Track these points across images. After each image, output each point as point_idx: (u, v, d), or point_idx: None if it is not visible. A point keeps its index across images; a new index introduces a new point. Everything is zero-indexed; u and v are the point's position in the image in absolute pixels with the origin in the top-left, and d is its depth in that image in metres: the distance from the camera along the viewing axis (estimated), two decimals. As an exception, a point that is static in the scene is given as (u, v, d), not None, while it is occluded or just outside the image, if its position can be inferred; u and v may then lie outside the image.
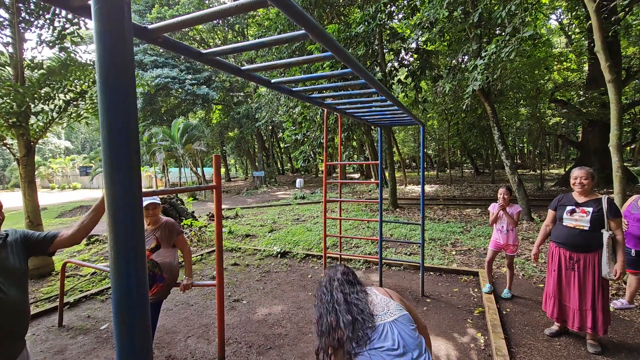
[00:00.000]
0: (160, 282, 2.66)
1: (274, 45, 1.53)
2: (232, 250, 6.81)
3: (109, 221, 0.72)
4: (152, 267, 2.61)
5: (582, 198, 2.99)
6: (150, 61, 20.71)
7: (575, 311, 2.95)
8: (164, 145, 19.11)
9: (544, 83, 17.59)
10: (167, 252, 2.71)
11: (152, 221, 2.75)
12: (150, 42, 1.36)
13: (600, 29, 4.56)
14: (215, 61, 1.62)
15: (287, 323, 3.72)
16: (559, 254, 3.07)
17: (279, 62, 1.72)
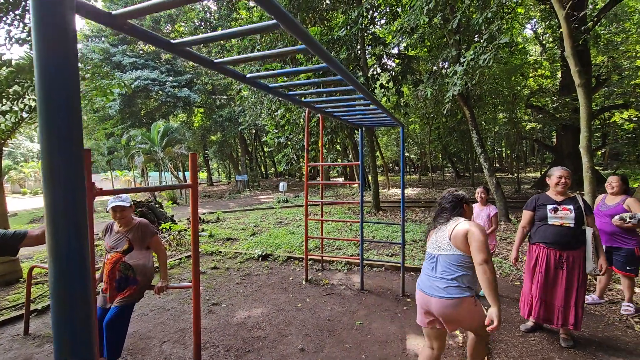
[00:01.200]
0: (134, 285, 2.57)
1: (244, 35, 1.51)
2: (212, 253, 6.67)
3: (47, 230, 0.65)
4: (124, 270, 2.52)
5: (560, 197, 3.07)
6: (130, 63, 20.25)
7: (561, 309, 2.97)
8: (143, 148, 18.64)
9: (520, 89, 18.23)
10: (140, 254, 2.62)
11: (122, 223, 2.66)
12: (116, 29, 1.32)
13: (570, 36, 4.76)
14: (186, 52, 1.58)
15: (267, 326, 3.65)
16: (546, 254, 3.02)
17: (252, 55, 1.70)
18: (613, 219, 3.48)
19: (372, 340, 3.31)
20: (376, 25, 13.45)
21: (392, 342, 3.26)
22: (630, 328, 3.34)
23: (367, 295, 4.42)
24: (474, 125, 9.75)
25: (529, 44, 22.60)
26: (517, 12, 14.50)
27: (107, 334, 2.50)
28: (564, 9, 4.81)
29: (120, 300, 2.55)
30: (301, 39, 1.39)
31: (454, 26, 8.02)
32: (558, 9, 4.85)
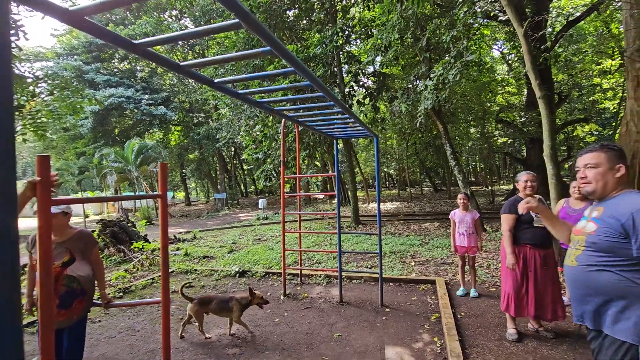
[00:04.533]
0: (83, 296, 2.39)
1: (207, 35, 1.52)
2: (187, 272, 6.44)
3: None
4: (69, 283, 2.32)
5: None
6: (103, 80, 19.85)
7: (551, 304, 3.09)
8: (116, 167, 18.04)
9: (490, 105, 19.15)
10: (81, 264, 2.42)
11: (56, 232, 2.39)
12: (74, 27, 1.30)
13: (529, 52, 5.08)
14: (149, 53, 1.57)
15: (242, 342, 3.52)
16: (533, 255, 3.13)
17: (218, 57, 1.70)
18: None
19: (351, 351, 3.25)
20: (351, 45, 13.92)
21: (371, 352, 3.21)
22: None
23: (346, 307, 4.37)
24: (447, 139, 10.09)
25: (496, 64, 23.88)
26: (483, 33, 15.41)
27: (69, 353, 2.33)
28: (522, 28, 5.14)
29: (71, 317, 2.36)
30: (264, 39, 1.41)
31: (423, 44, 8.40)
32: (517, 27, 5.19)
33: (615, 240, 1.47)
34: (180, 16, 23.02)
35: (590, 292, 1.55)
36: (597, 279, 1.52)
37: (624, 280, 1.45)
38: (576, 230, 1.72)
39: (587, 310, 1.57)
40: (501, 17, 11.72)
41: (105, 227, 7.87)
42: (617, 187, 1.59)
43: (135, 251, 7.30)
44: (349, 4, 12.99)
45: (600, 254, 1.53)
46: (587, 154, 1.64)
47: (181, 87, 24.34)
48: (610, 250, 1.49)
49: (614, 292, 1.47)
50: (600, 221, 1.56)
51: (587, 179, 1.62)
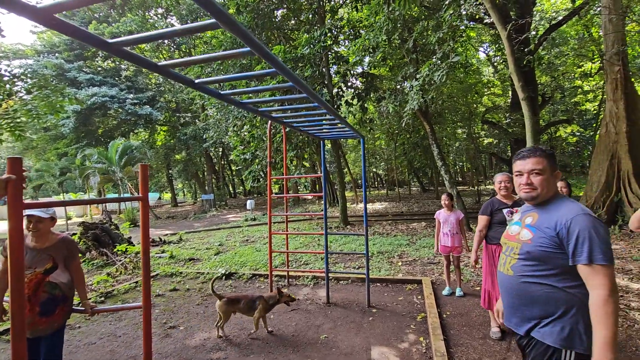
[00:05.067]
0: (64, 303, 2.32)
1: (184, 35, 1.48)
2: (172, 275, 6.32)
3: None
4: (51, 290, 2.25)
5: (509, 200, 3.25)
6: (86, 79, 19.37)
7: None
8: (99, 168, 17.60)
9: (476, 106, 19.46)
10: (62, 271, 2.35)
11: (38, 237, 2.30)
12: (43, 24, 1.24)
13: (512, 54, 5.17)
14: (125, 53, 1.52)
15: (228, 346, 3.47)
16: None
17: (197, 58, 1.67)
18: None
19: (337, 353, 3.23)
20: (340, 46, 13.94)
21: (357, 353, 3.20)
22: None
23: (333, 308, 4.35)
24: (434, 140, 10.19)
25: (482, 66, 24.28)
26: (469, 35, 15.65)
27: None
28: (506, 30, 5.23)
29: (53, 325, 2.28)
30: (243, 39, 1.38)
31: (410, 46, 8.48)
32: (501, 30, 5.28)
33: (550, 250, 1.46)
34: (167, 14, 22.67)
35: (524, 302, 1.54)
36: (532, 289, 1.51)
37: (557, 290, 1.45)
38: (509, 236, 1.69)
39: (519, 317, 1.58)
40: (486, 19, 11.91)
41: (87, 229, 7.67)
42: (555, 191, 1.59)
43: (118, 254, 7.14)
44: (337, 4, 13.01)
45: (534, 264, 1.51)
46: (531, 158, 1.59)
47: (167, 86, 23.95)
48: (544, 260, 1.48)
49: (547, 302, 1.47)
50: (535, 229, 1.54)
51: (534, 185, 1.57)
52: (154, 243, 9.99)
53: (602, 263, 1.34)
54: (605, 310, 1.30)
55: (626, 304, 3.91)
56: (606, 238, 1.39)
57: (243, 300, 3.63)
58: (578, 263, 1.38)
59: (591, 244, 1.36)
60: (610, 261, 1.35)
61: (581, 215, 1.42)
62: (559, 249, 1.44)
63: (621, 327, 3.40)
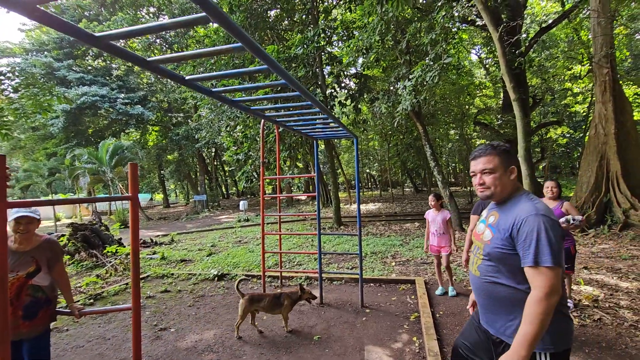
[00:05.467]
0: (48, 306, 2.26)
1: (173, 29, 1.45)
2: (164, 276, 6.23)
3: None
4: (34, 293, 2.18)
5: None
6: (76, 78, 19.06)
7: None
8: (89, 168, 17.31)
9: (468, 108, 19.64)
10: (44, 274, 2.29)
11: (25, 240, 2.22)
12: (26, 16, 1.20)
13: (503, 55, 5.22)
14: (113, 47, 1.48)
15: (220, 348, 3.42)
16: None
17: (187, 53, 1.64)
18: (559, 221, 3.72)
19: (330, 353, 3.21)
20: (333, 46, 13.94)
21: (351, 353, 3.19)
22: (571, 322, 3.54)
23: (326, 309, 4.33)
24: (427, 141, 10.24)
25: (474, 67, 24.52)
26: (461, 37, 15.79)
27: None
28: (497, 32, 5.28)
29: (36, 328, 2.22)
30: (234, 35, 1.35)
31: (403, 47, 8.51)
32: (492, 31, 5.33)
33: (506, 252, 1.46)
34: (159, 13, 22.46)
35: (491, 303, 1.55)
36: (496, 290, 1.51)
37: (519, 292, 1.44)
38: (477, 235, 1.69)
39: (490, 318, 1.58)
40: (478, 22, 12.04)
41: (76, 230, 7.53)
42: (513, 189, 1.58)
43: (108, 256, 7.03)
44: (331, 5, 13.02)
45: (495, 265, 1.51)
46: (482, 158, 1.59)
47: (159, 86, 23.72)
48: (502, 261, 1.48)
49: (511, 303, 1.47)
50: (495, 230, 1.53)
51: (486, 184, 1.57)
52: (145, 244, 9.86)
53: (547, 265, 1.32)
54: (535, 310, 1.30)
55: (615, 302, 3.96)
56: (555, 239, 1.36)
57: (266, 298, 3.65)
58: (524, 265, 1.38)
59: (538, 246, 1.35)
60: (556, 263, 1.32)
61: (532, 216, 1.40)
62: (515, 250, 1.43)
63: (611, 325, 3.44)
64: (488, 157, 1.57)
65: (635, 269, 5.11)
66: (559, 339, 1.41)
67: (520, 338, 1.31)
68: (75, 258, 7.11)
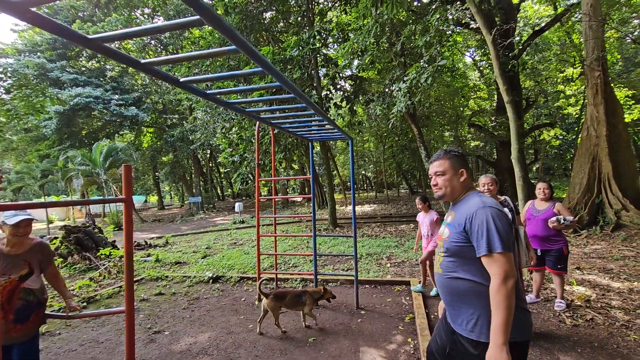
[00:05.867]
0: (39, 309, 2.25)
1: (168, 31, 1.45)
2: (158, 279, 6.19)
3: None
4: (26, 296, 2.17)
5: None
6: (70, 79, 18.87)
7: None
8: (82, 170, 17.14)
9: (463, 110, 19.79)
10: (36, 277, 2.27)
11: (17, 242, 2.19)
12: (18, 17, 1.20)
13: (497, 58, 5.27)
14: (106, 49, 1.48)
15: (214, 350, 3.41)
16: None
17: (181, 56, 1.64)
18: (550, 220, 3.75)
19: (326, 355, 3.21)
20: (329, 49, 13.98)
21: (346, 355, 3.19)
22: (563, 322, 3.58)
23: (322, 310, 4.33)
24: (422, 142, 10.31)
25: (468, 70, 24.71)
26: (456, 40, 15.93)
27: None
28: (491, 35, 5.34)
29: (28, 332, 2.20)
30: (228, 37, 1.35)
31: (398, 49, 8.56)
32: (486, 34, 5.38)
33: (462, 245, 1.56)
34: (153, 14, 22.37)
35: (453, 298, 1.62)
36: (457, 285, 1.59)
37: (477, 285, 1.53)
38: (439, 236, 1.77)
39: (453, 314, 1.65)
40: (472, 24, 12.15)
41: (69, 233, 7.45)
42: (463, 190, 1.70)
43: (101, 258, 6.97)
44: (327, 7, 13.06)
45: (453, 260, 1.60)
46: (435, 162, 1.74)
47: (154, 87, 23.59)
48: (460, 255, 1.58)
49: (470, 297, 1.54)
50: (451, 226, 1.64)
51: (438, 185, 1.71)
52: (139, 247, 9.78)
53: (499, 251, 1.44)
54: (498, 298, 1.40)
55: (607, 302, 4.01)
56: (503, 227, 1.48)
57: (288, 295, 3.72)
58: (480, 255, 1.49)
59: (489, 235, 1.47)
60: (506, 248, 1.45)
61: (480, 209, 1.53)
62: (469, 243, 1.54)
63: (603, 324, 3.47)
64: (440, 161, 1.72)
65: (627, 269, 5.17)
66: (518, 331, 1.49)
67: (494, 328, 1.40)
68: (68, 261, 7.04)
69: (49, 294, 2.49)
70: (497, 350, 1.36)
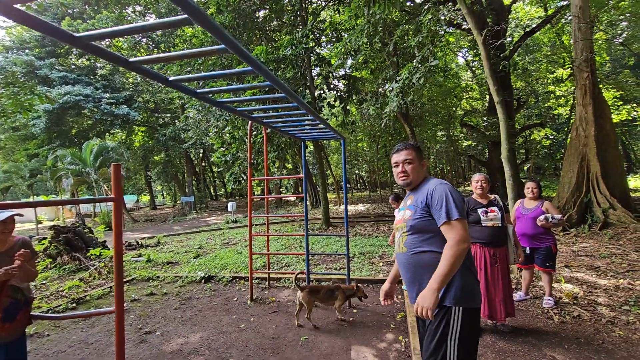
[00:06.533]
0: (26, 307, 2.23)
1: (155, 30, 1.44)
2: (149, 279, 6.13)
3: None
4: (14, 294, 2.15)
5: (483, 200, 3.35)
6: (59, 77, 18.58)
7: (501, 302, 3.19)
8: (72, 169, 16.89)
9: (455, 110, 19.94)
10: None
11: (3, 239, 2.22)
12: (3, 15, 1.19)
13: (487, 58, 5.33)
14: (93, 47, 1.47)
15: (206, 350, 3.40)
16: (483, 253, 3.26)
17: (171, 54, 1.63)
18: (538, 218, 3.81)
19: (317, 354, 3.22)
20: (322, 48, 13.98)
21: (337, 354, 3.20)
22: (551, 319, 3.64)
23: (314, 309, 4.33)
24: (414, 141, 10.37)
25: (461, 70, 24.91)
26: (448, 40, 16.03)
27: None
28: (482, 36, 5.39)
29: (16, 331, 2.18)
30: (216, 37, 1.35)
31: (391, 49, 8.60)
32: (476, 35, 5.44)
33: (425, 219, 1.74)
34: (145, 12, 22.13)
35: (418, 273, 1.75)
36: (422, 258, 1.74)
37: (437, 254, 1.68)
38: (398, 221, 1.93)
39: (418, 290, 1.74)
40: (464, 25, 12.26)
41: (59, 233, 7.35)
42: (424, 177, 1.91)
43: (91, 259, 6.88)
44: (320, 7, 13.05)
45: (418, 235, 1.76)
46: (404, 151, 1.89)
47: (145, 85, 23.34)
48: (424, 230, 1.75)
49: (432, 265, 1.66)
50: (413, 207, 1.82)
51: (407, 172, 1.87)
52: (130, 247, 9.69)
53: (456, 217, 1.64)
54: (447, 253, 1.59)
55: (594, 299, 4.08)
56: (458, 199, 1.70)
57: (322, 290, 3.83)
58: (440, 223, 1.67)
59: (447, 205, 1.67)
60: (462, 216, 1.66)
61: (438, 185, 1.75)
62: (431, 217, 1.73)
63: (589, 321, 3.54)
64: (408, 150, 1.89)
65: (614, 267, 5.28)
66: (469, 297, 1.68)
67: (435, 275, 1.58)
68: (57, 261, 6.94)
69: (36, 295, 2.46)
70: (429, 293, 1.55)
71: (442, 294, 1.66)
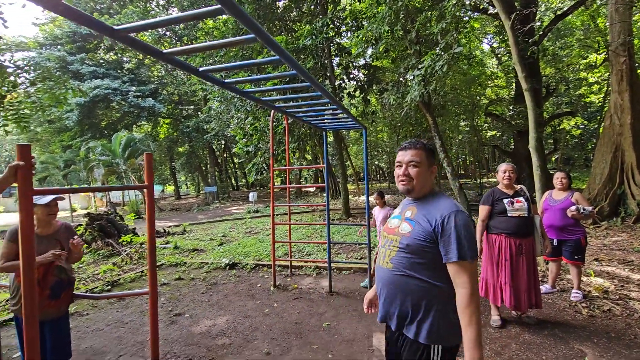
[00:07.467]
0: (69, 287, 2.42)
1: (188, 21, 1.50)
2: (177, 265, 6.41)
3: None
4: (59, 274, 2.33)
5: (510, 190, 3.28)
6: (89, 71, 19.34)
7: (526, 293, 3.15)
8: (103, 160, 17.69)
9: (479, 99, 19.30)
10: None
11: (47, 223, 2.36)
12: (50, 10, 1.28)
13: (515, 44, 5.13)
14: (130, 39, 1.54)
15: (232, 333, 3.54)
16: (508, 243, 3.19)
17: (200, 45, 1.69)
18: (569, 209, 3.70)
19: (339, 339, 3.30)
20: (342, 37, 13.83)
21: (359, 340, 3.27)
22: (579, 313, 3.55)
23: (335, 297, 4.41)
24: (437, 132, 10.16)
25: (486, 57, 24.00)
26: (473, 26, 15.46)
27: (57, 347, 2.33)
28: (510, 20, 5.19)
29: (60, 308, 2.37)
30: (247, 26, 1.39)
31: (413, 37, 8.40)
32: (504, 20, 5.23)
33: (426, 244, 1.46)
34: (168, 6, 22.52)
35: (400, 296, 1.53)
36: (408, 283, 1.50)
37: (429, 285, 1.47)
38: (389, 229, 1.66)
39: (392, 312, 1.56)
40: (490, 10, 11.77)
41: (93, 220, 7.76)
42: (431, 187, 1.61)
43: (123, 245, 7.24)
44: (340, -5, 12.87)
45: (411, 257, 1.50)
46: (410, 150, 1.58)
47: (170, 78, 23.90)
48: (420, 254, 1.48)
49: (420, 296, 1.48)
50: (414, 223, 1.53)
51: (410, 176, 1.56)
52: (158, 234, 10.09)
53: (470, 260, 1.39)
54: (471, 311, 1.35)
55: (626, 293, 3.94)
56: (474, 235, 1.44)
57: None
58: (449, 260, 1.41)
59: (461, 242, 1.39)
60: (476, 257, 1.43)
61: (454, 212, 1.45)
62: (435, 244, 1.46)
63: (620, 315, 3.44)
64: (417, 150, 1.57)
65: (648, 261, 5.05)
66: (451, 335, 1.47)
67: (469, 343, 1.35)
68: (92, 247, 7.34)
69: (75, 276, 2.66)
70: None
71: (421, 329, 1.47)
